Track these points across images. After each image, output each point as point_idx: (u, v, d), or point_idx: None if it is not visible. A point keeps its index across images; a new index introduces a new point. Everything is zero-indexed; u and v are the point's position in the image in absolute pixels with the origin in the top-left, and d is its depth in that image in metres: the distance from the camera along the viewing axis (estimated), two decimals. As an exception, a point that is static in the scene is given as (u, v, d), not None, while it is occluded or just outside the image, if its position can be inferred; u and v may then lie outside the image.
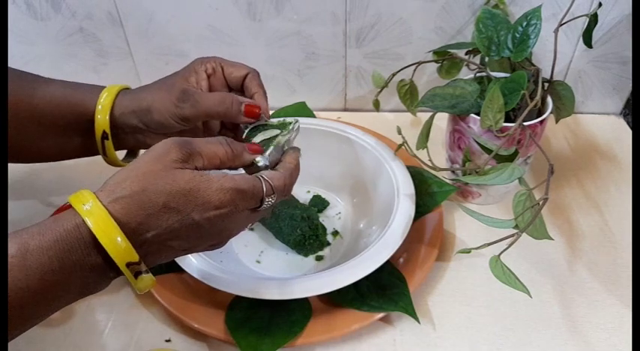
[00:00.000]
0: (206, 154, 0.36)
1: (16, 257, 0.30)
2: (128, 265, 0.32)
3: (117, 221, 0.32)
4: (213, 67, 0.46)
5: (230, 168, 0.38)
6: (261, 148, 0.40)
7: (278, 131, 0.43)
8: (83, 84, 0.48)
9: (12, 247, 0.30)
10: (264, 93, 0.46)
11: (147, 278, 0.34)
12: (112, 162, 0.49)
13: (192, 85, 0.45)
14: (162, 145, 0.35)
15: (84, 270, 0.32)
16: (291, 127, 0.43)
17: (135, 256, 0.32)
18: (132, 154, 0.51)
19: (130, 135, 0.47)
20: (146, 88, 0.47)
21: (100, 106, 0.45)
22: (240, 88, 0.47)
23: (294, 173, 0.40)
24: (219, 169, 0.37)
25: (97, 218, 0.31)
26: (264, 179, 0.37)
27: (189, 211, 0.34)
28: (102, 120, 0.45)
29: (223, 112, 0.43)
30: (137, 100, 0.46)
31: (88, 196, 0.33)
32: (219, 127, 0.50)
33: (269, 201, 0.37)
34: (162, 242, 0.34)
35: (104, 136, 0.45)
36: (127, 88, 0.48)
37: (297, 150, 0.43)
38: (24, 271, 0.30)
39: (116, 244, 0.32)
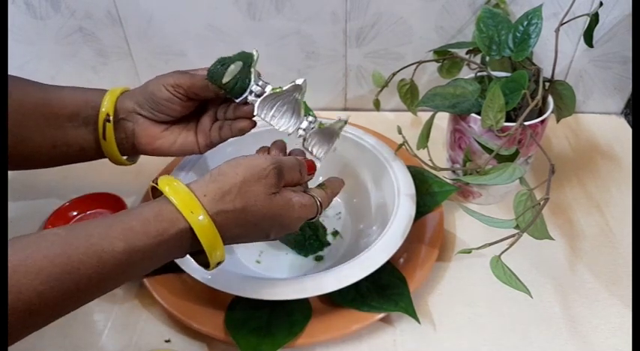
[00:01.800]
0: (289, 178, 0.42)
1: (123, 254, 0.33)
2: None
3: (219, 232, 0.37)
4: None
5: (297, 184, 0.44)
6: (314, 165, 0.46)
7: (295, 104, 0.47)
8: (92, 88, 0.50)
9: (118, 245, 0.33)
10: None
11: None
12: (109, 151, 0.49)
13: None
14: (262, 162, 0.39)
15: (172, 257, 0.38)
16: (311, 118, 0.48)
17: (224, 258, 0.39)
18: (132, 159, 0.52)
19: (122, 122, 0.48)
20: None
21: (108, 95, 0.47)
22: None
23: (334, 194, 0.46)
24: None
25: (204, 230, 0.36)
26: (319, 204, 0.43)
27: (271, 230, 0.41)
28: (107, 105, 0.47)
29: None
30: (138, 88, 0.48)
31: (197, 207, 0.36)
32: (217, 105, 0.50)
33: (315, 218, 0.44)
34: (238, 242, 0.41)
35: (107, 119, 0.46)
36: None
37: (340, 181, 0.48)
38: (128, 270, 0.34)
39: (215, 254, 0.38)
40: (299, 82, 0.45)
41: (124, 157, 0.50)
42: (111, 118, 0.46)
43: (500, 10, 0.59)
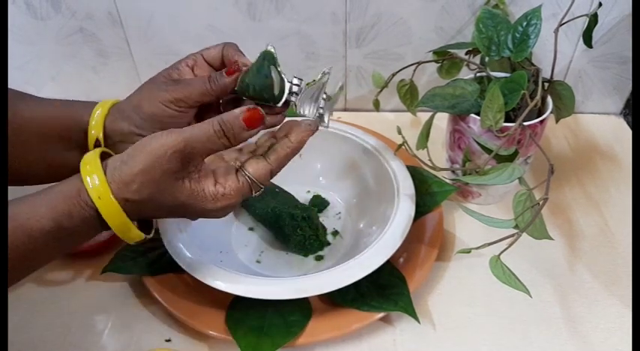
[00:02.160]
0: (206, 153, 0.37)
1: (51, 232, 0.35)
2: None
3: (129, 216, 0.36)
4: (194, 59, 0.46)
5: (233, 147, 0.39)
6: (259, 114, 0.38)
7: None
8: (76, 100, 0.47)
9: (47, 224, 0.34)
10: (244, 55, 0.46)
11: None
12: None
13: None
14: (164, 144, 0.35)
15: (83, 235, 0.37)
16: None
17: (142, 237, 0.38)
18: None
19: (119, 145, 0.44)
20: (134, 92, 0.46)
21: (95, 115, 0.44)
22: (224, 65, 0.46)
23: (287, 157, 0.40)
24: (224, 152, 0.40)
25: (111, 216, 0.36)
26: (251, 182, 0.39)
27: (189, 215, 0.40)
28: (96, 127, 0.44)
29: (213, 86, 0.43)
30: (127, 102, 0.45)
31: (105, 193, 0.35)
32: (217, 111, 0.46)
33: (256, 194, 0.40)
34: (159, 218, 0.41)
35: (97, 144, 0.44)
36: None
37: (311, 124, 0.42)
38: (57, 245, 0.36)
39: (129, 235, 0.37)
40: (327, 70, 0.44)
41: None
42: (101, 142, 0.44)
43: (500, 10, 0.60)
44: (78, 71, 0.76)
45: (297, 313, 0.47)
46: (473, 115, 0.52)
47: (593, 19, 0.56)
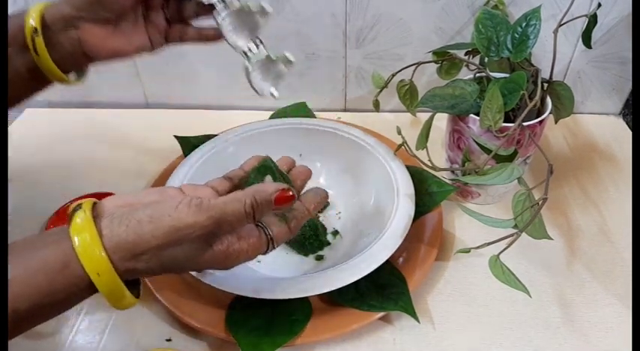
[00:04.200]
0: (228, 230, 0.36)
1: (28, 312, 0.31)
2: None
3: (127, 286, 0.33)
4: None
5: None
6: (291, 195, 0.37)
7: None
8: None
9: (22, 305, 0.31)
10: None
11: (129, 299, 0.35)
12: (46, 67, 0.43)
13: None
14: (190, 222, 0.33)
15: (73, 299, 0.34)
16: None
17: (135, 303, 0.36)
18: (81, 74, 0.47)
19: (63, 33, 0.42)
20: None
21: (33, 7, 0.42)
22: None
23: (302, 223, 0.40)
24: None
25: (110, 291, 0.33)
26: (270, 239, 0.38)
27: (196, 269, 0.37)
28: (33, 13, 0.41)
29: None
30: None
31: (105, 269, 0.32)
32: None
33: (266, 253, 0.39)
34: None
35: (34, 32, 0.41)
36: None
37: (321, 193, 0.42)
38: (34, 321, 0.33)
39: (122, 304, 0.35)
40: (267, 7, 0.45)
41: (70, 74, 0.45)
42: (38, 29, 0.41)
43: (499, 11, 0.60)
44: (79, 72, 0.76)
45: (297, 312, 0.47)
46: (472, 115, 0.52)
47: (593, 20, 0.56)
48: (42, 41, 0.41)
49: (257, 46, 0.48)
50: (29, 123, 0.78)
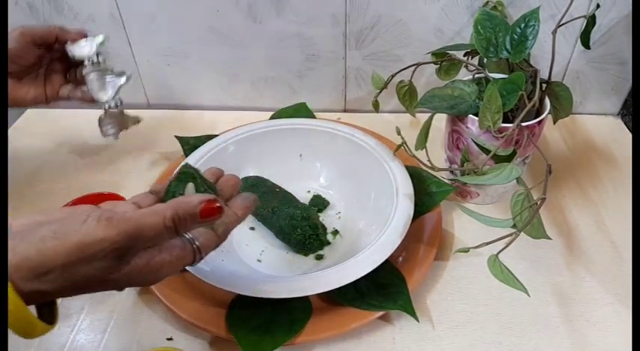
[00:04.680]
0: (143, 246, 0.32)
1: None
2: None
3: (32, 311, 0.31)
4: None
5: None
6: (218, 206, 0.34)
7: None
8: None
9: None
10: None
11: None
12: None
13: None
14: (91, 241, 0.30)
15: None
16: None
17: (49, 330, 0.33)
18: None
19: None
20: None
21: None
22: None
23: (231, 229, 0.37)
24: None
25: (13, 316, 0.30)
26: (197, 249, 0.35)
27: (115, 287, 0.34)
28: None
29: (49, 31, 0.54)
30: None
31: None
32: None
33: (194, 265, 0.36)
34: None
35: None
36: None
37: (250, 197, 0.40)
38: None
39: (34, 333, 0.32)
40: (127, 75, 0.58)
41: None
42: None
43: (498, 12, 0.60)
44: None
45: (297, 311, 0.47)
46: (471, 115, 0.52)
47: (591, 21, 0.56)
48: None
49: (116, 103, 0.58)
50: (29, 123, 0.78)
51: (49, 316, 0.33)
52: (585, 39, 0.58)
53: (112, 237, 0.30)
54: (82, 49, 0.56)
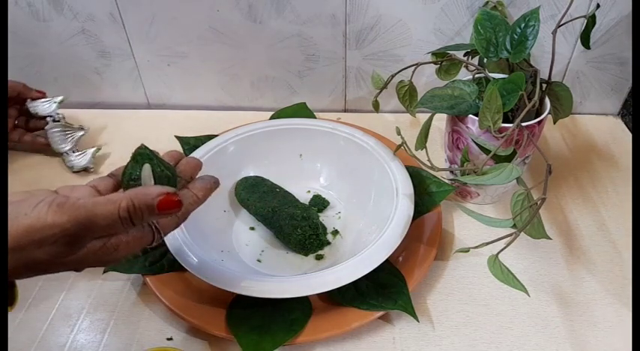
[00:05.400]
0: (95, 235, 0.32)
1: None
2: None
3: None
4: None
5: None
6: (177, 200, 0.33)
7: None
8: None
9: None
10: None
11: None
12: None
13: None
14: (41, 226, 0.29)
15: None
16: None
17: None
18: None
19: None
20: None
21: None
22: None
23: (191, 211, 0.37)
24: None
25: None
26: (157, 231, 0.35)
27: (76, 268, 0.33)
28: None
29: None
30: None
31: None
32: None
33: (154, 245, 0.36)
34: None
35: None
36: None
37: (210, 179, 0.39)
38: None
39: None
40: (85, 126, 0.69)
41: None
42: None
43: (498, 12, 0.60)
44: (80, 73, 0.77)
45: (297, 311, 0.47)
46: (471, 115, 0.52)
47: (591, 21, 0.56)
48: None
49: (74, 153, 0.67)
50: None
51: (8, 297, 0.32)
52: (585, 39, 0.58)
53: (62, 223, 0.30)
54: (44, 108, 0.67)
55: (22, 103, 0.67)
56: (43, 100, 0.68)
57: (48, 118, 0.67)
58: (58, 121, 0.67)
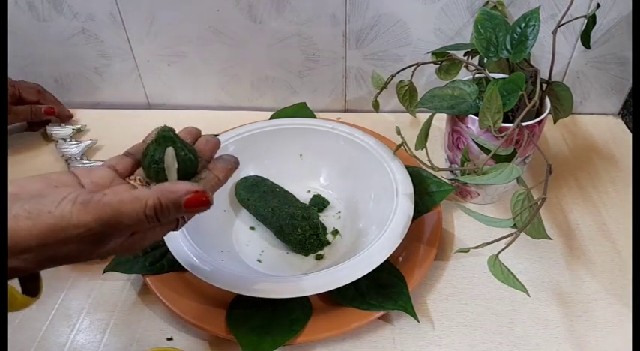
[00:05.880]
0: (121, 233, 0.32)
1: None
2: None
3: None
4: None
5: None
6: (206, 198, 0.32)
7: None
8: None
9: None
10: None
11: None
12: None
13: None
14: (66, 224, 0.29)
15: None
16: None
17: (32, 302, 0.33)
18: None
19: None
20: None
21: None
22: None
23: (214, 190, 0.36)
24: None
25: None
26: (182, 217, 0.35)
27: (99, 257, 0.33)
28: None
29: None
30: None
31: None
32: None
33: (179, 229, 0.35)
34: None
35: None
36: None
37: (231, 159, 0.38)
38: None
39: (15, 307, 0.31)
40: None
41: None
42: None
43: (498, 12, 0.60)
44: (80, 73, 0.77)
45: (297, 311, 0.47)
46: (471, 115, 0.52)
47: (592, 21, 0.56)
48: None
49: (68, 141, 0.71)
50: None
51: (33, 289, 0.32)
52: (585, 39, 0.58)
53: (87, 223, 0.29)
54: (69, 149, 0.69)
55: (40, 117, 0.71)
56: (61, 126, 0.73)
57: (60, 141, 0.71)
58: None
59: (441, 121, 0.60)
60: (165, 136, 0.36)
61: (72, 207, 0.29)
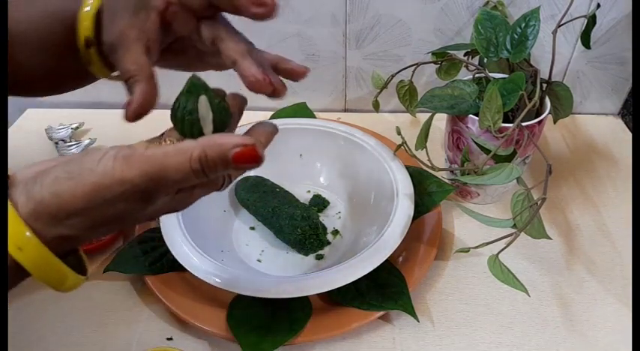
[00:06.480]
0: (167, 190, 0.29)
1: None
2: None
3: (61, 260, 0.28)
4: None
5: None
6: (256, 153, 0.28)
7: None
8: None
9: None
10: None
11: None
12: (99, 72, 0.41)
13: None
14: (110, 182, 0.27)
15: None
16: None
17: (81, 280, 0.30)
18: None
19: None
20: None
21: (84, 9, 0.36)
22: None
23: None
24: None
25: (39, 268, 0.27)
26: (227, 175, 0.33)
27: (143, 220, 0.31)
28: (84, 24, 0.36)
29: None
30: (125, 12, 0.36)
31: (25, 241, 0.26)
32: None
33: (222, 189, 0.33)
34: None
35: (87, 42, 0.37)
36: None
37: (270, 123, 0.36)
38: None
39: (65, 285, 0.29)
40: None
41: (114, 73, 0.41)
42: (92, 40, 0.37)
43: (498, 12, 0.60)
44: (80, 72, 0.77)
45: (297, 311, 0.47)
46: (471, 115, 0.52)
47: (592, 21, 0.56)
48: (96, 55, 0.38)
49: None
50: (30, 123, 0.78)
51: (77, 268, 0.29)
52: (585, 39, 0.58)
53: (131, 178, 0.27)
54: (69, 149, 0.70)
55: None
56: (61, 126, 0.73)
57: (60, 142, 0.71)
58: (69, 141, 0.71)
59: (441, 121, 0.60)
60: (195, 84, 0.33)
61: (114, 162, 0.27)
